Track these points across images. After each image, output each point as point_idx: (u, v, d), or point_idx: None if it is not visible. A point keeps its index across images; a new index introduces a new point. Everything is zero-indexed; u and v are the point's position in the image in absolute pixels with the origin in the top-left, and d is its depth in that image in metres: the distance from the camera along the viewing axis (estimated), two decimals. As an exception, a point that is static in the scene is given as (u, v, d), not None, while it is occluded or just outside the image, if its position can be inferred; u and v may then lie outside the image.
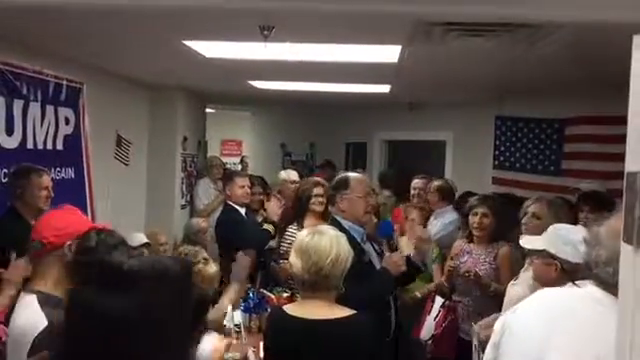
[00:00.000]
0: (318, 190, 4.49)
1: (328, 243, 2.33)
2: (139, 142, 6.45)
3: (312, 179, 4.90)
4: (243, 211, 5.28)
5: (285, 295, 3.93)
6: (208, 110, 8.47)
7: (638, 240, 0.97)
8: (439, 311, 4.09)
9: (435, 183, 5.55)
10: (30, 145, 4.31)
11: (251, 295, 3.83)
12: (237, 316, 3.52)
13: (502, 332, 1.89)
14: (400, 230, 4.92)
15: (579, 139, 6.46)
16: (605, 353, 1.42)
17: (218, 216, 5.53)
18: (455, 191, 5.67)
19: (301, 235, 2.43)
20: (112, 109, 5.77)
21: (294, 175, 6.03)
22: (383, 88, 6.37)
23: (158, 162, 6.77)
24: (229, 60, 4.66)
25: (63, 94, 4.70)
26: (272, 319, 2.57)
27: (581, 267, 2.43)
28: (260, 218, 5.63)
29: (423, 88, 6.49)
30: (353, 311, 2.32)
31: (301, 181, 5.04)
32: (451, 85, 6.11)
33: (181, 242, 6.25)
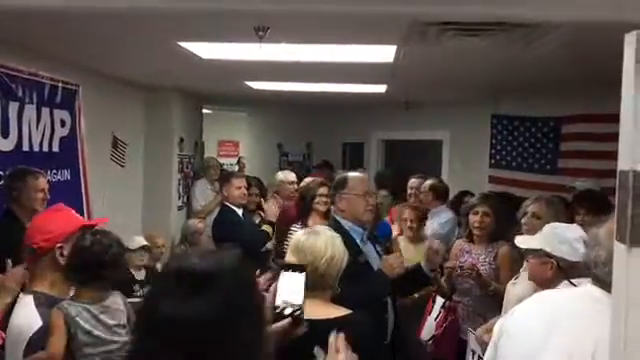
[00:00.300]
0: (322, 190, 4.52)
1: (323, 244, 2.33)
2: (135, 144, 6.44)
3: (317, 179, 4.94)
4: (240, 212, 5.29)
5: None
6: (205, 111, 8.46)
7: (631, 239, 0.97)
8: (440, 311, 4.08)
9: (428, 182, 5.55)
10: (26, 147, 4.30)
11: None
12: None
13: (500, 334, 1.90)
14: (398, 230, 4.92)
15: (575, 137, 6.46)
16: (602, 350, 1.42)
17: (215, 217, 5.52)
18: (448, 190, 5.69)
19: (297, 235, 2.44)
20: (108, 111, 5.76)
21: (292, 176, 6.06)
22: (379, 88, 6.37)
23: (154, 163, 6.76)
24: (225, 61, 4.66)
25: (59, 96, 4.69)
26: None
27: (577, 265, 2.44)
28: (257, 219, 5.64)
29: (419, 88, 6.49)
30: (349, 311, 2.32)
31: (308, 181, 5.07)
32: (447, 84, 6.11)
33: (178, 243, 6.25)
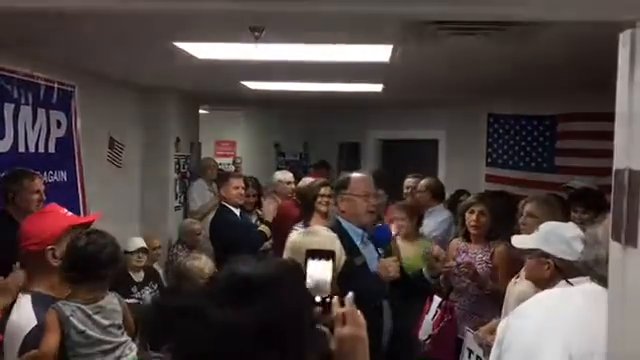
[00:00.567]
0: (324, 190, 4.55)
1: (321, 244, 2.33)
2: (132, 144, 6.42)
3: (319, 179, 4.98)
4: (238, 212, 5.30)
5: None
6: (201, 111, 8.45)
7: (626, 237, 0.97)
8: (437, 311, 4.08)
9: (424, 181, 5.54)
10: (22, 149, 4.29)
11: None
12: None
13: (504, 333, 1.91)
14: (396, 230, 4.91)
15: (571, 135, 6.48)
16: (603, 348, 1.43)
17: (213, 217, 5.53)
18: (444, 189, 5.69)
19: (294, 235, 2.44)
20: (104, 111, 5.75)
21: (289, 176, 6.12)
22: (376, 87, 6.37)
23: (151, 164, 6.73)
24: (221, 61, 4.64)
25: (54, 97, 4.68)
26: None
27: (575, 265, 2.43)
28: (255, 218, 5.65)
29: (415, 87, 6.48)
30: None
31: (309, 182, 5.10)
32: (443, 83, 6.11)
33: (175, 244, 6.25)
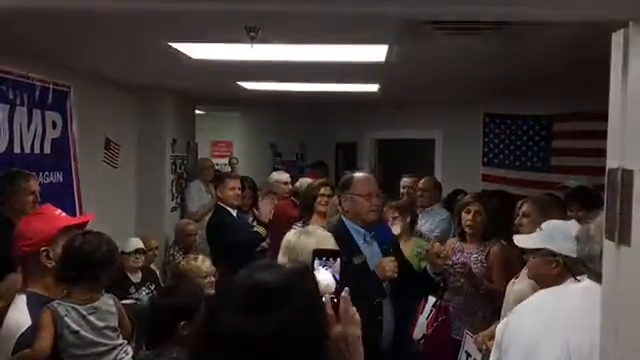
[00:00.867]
0: (323, 190, 4.60)
1: (315, 243, 2.33)
2: (128, 145, 6.42)
3: (320, 180, 5.04)
4: (235, 212, 5.30)
5: None
6: (197, 112, 8.44)
7: (620, 236, 0.97)
8: (431, 310, 4.09)
9: (423, 181, 5.53)
10: (17, 149, 4.28)
11: None
12: None
13: (503, 333, 1.91)
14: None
15: (567, 135, 6.50)
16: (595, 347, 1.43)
17: (210, 218, 5.54)
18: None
19: (289, 235, 2.44)
20: (100, 112, 5.74)
21: (286, 176, 6.18)
22: (371, 87, 6.37)
23: (147, 165, 6.73)
24: (216, 62, 4.64)
25: (50, 98, 4.66)
26: None
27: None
28: (251, 218, 5.65)
29: (412, 87, 6.49)
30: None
31: (307, 182, 5.15)
32: (439, 83, 6.11)
33: (172, 245, 6.24)
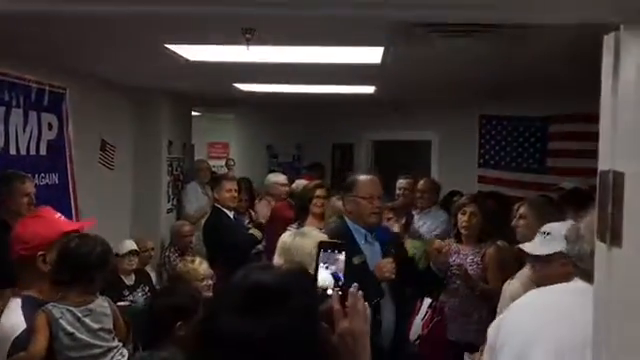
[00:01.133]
0: (319, 192, 4.62)
1: (311, 244, 2.33)
2: (124, 147, 6.41)
3: (315, 182, 5.07)
4: (231, 214, 5.30)
5: None
6: (194, 113, 8.43)
7: (611, 238, 0.98)
8: (427, 312, 4.09)
9: (422, 182, 5.52)
10: (13, 151, 4.28)
11: None
12: None
13: (496, 333, 1.91)
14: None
15: (562, 137, 6.52)
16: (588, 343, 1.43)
17: (206, 219, 5.53)
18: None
19: (284, 236, 2.45)
20: (96, 114, 5.73)
21: (282, 178, 6.20)
22: (368, 89, 6.38)
23: (143, 166, 6.71)
24: (213, 63, 4.64)
25: (46, 100, 4.66)
26: None
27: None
28: (247, 220, 5.65)
29: (408, 88, 6.49)
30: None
31: (302, 184, 5.18)
32: (435, 85, 6.12)
33: (168, 246, 6.23)
